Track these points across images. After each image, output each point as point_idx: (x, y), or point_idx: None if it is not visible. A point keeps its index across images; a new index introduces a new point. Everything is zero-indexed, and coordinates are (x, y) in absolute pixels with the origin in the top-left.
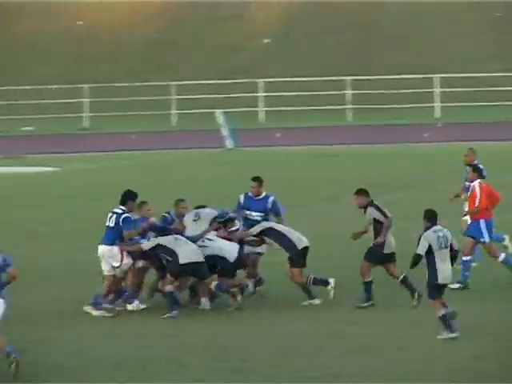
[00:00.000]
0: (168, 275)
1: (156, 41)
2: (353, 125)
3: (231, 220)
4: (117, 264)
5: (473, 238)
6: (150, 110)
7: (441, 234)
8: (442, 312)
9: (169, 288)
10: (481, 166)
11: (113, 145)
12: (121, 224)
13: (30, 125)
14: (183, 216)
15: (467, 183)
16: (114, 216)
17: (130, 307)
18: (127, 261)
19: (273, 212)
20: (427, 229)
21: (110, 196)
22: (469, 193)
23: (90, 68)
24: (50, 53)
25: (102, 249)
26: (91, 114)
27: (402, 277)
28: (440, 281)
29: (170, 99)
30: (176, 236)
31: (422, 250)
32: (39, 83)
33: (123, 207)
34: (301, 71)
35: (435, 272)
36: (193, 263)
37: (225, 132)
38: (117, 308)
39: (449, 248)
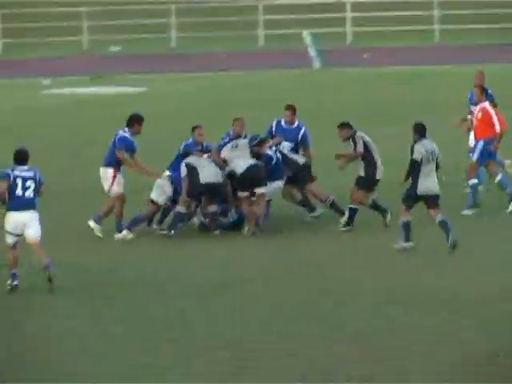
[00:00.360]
0: (183, 194)
1: None
2: (440, 44)
3: (264, 140)
4: (106, 188)
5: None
6: (237, 30)
7: (429, 147)
8: (405, 219)
9: (180, 208)
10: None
11: (201, 65)
12: (116, 144)
13: (117, 44)
14: (201, 143)
15: (472, 107)
16: (114, 136)
17: (118, 236)
18: (116, 188)
19: (302, 143)
20: (416, 141)
21: (198, 115)
22: (479, 114)
23: None
24: None
25: (101, 170)
26: (179, 35)
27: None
28: (419, 192)
29: (256, 19)
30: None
31: (417, 155)
32: (123, 3)
33: (127, 128)
34: None
35: (416, 183)
36: (212, 183)
37: (312, 52)
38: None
39: (435, 162)
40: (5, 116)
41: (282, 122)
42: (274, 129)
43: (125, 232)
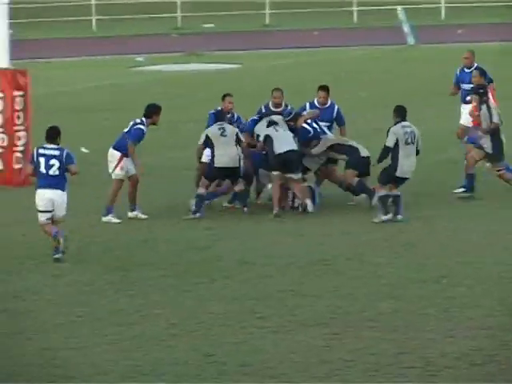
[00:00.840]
0: (203, 178)
1: None
2: None
3: (299, 115)
4: (110, 170)
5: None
6: (330, 7)
7: (408, 129)
8: (383, 193)
9: (200, 190)
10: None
11: (294, 41)
12: (130, 132)
13: (211, 22)
14: (229, 112)
15: (465, 85)
16: (131, 123)
17: (105, 219)
18: (119, 172)
19: (337, 121)
20: (396, 123)
21: (293, 93)
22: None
23: None
24: None
25: (109, 151)
26: (271, 11)
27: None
28: (398, 174)
29: None
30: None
31: (390, 142)
32: None
33: (144, 119)
34: None
35: (396, 165)
36: (226, 168)
37: (406, 29)
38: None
39: (415, 144)
40: (101, 93)
41: (316, 103)
42: (308, 109)
43: (110, 216)
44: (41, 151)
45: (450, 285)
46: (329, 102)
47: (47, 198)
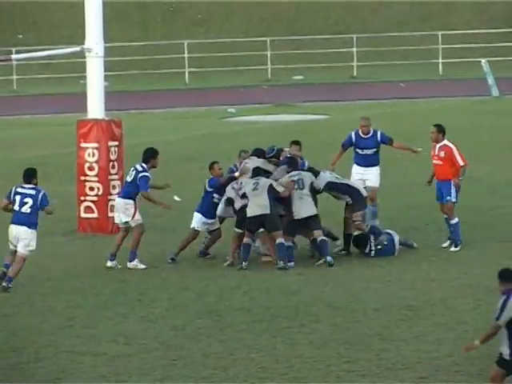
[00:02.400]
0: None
1: None
2: None
3: (281, 150)
4: (128, 219)
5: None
6: (415, 59)
7: (295, 178)
8: (285, 242)
9: (245, 240)
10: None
11: (381, 93)
12: (138, 182)
13: (300, 74)
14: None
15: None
16: (134, 172)
17: (130, 265)
18: (138, 217)
19: (385, 142)
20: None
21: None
22: (442, 153)
23: (358, 19)
24: (318, 4)
25: (117, 201)
26: (359, 63)
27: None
28: (295, 217)
29: (436, 48)
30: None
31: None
32: (305, 33)
33: (144, 165)
34: None
35: (291, 210)
36: (259, 216)
37: (490, 81)
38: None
39: (307, 189)
40: (195, 143)
41: (360, 133)
42: (353, 139)
43: (136, 262)
44: (18, 190)
45: None
46: (371, 132)
47: (13, 233)
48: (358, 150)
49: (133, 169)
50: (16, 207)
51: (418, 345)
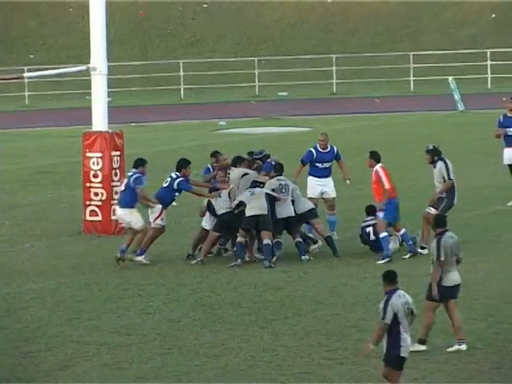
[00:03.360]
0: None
1: (399, 15)
2: None
3: (268, 156)
4: (151, 220)
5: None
6: (389, 77)
7: (283, 182)
8: (270, 241)
9: (239, 240)
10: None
11: (358, 108)
12: (175, 186)
13: (285, 90)
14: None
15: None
16: (169, 179)
17: (138, 258)
18: (159, 222)
19: (337, 159)
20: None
21: (355, 152)
22: (374, 177)
23: (337, 40)
24: (301, 27)
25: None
26: (338, 81)
27: None
28: (278, 216)
29: (408, 67)
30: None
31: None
32: (289, 54)
33: (178, 173)
34: None
35: (274, 210)
36: (257, 216)
37: (456, 96)
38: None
39: (289, 194)
40: (188, 153)
41: (319, 148)
42: (314, 155)
43: (141, 257)
44: (129, 174)
45: (495, 322)
46: (329, 147)
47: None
48: (318, 164)
49: (169, 177)
50: (120, 188)
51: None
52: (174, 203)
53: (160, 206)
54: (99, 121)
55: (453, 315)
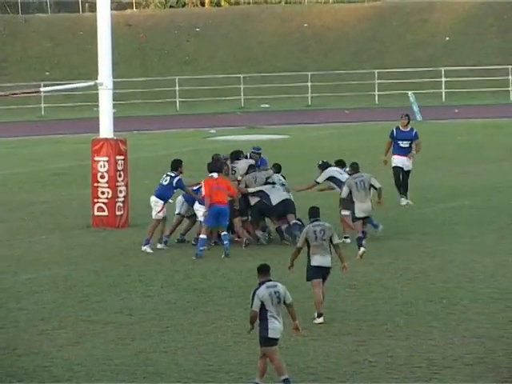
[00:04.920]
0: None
1: (364, 37)
2: None
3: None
4: (154, 213)
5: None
6: (357, 92)
7: (277, 179)
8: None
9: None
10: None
11: (330, 118)
12: (174, 184)
13: (267, 103)
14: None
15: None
16: (169, 178)
17: (147, 248)
18: (161, 214)
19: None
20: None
21: (328, 156)
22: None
23: (312, 59)
24: (281, 48)
25: (153, 199)
26: (313, 95)
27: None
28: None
29: (373, 83)
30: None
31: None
32: (271, 71)
33: (175, 172)
34: (475, 62)
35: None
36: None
37: (415, 108)
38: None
39: (283, 187)
40: (183, 157)
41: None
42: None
43: (147, 247)
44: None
45: (450, 304)
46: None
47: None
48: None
49: (166, 175)
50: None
51: (359, 315)
52: (170, 200)
53: (162, 202)
54: (106, 129)
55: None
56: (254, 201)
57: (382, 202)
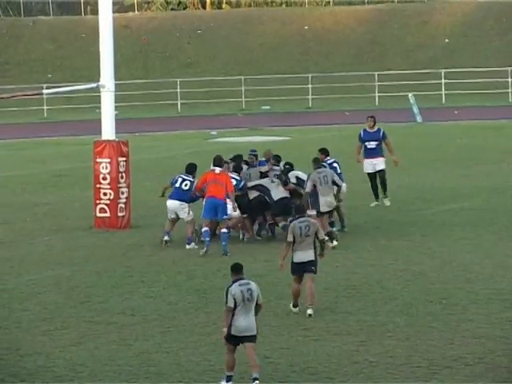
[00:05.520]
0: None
1: (365, 39)
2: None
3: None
4: (185, 216)
5: None
6: (357, 94)
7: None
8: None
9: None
10: None
11: (330, 120)
12: (193, 188)
13: (267, 105)
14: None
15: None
16: (189, 183)
17: (188, 247)
18: (192, 216)
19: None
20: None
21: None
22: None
23: (313, 62)
24: (282, 50)
25: (176, 203)
26: (313, 97)
27: None
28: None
29: (373, 85)
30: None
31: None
32: (271, 73)
33: (192, 176)
34: (475, 64)
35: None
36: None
37: (415, 110)
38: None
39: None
40: (184, 158)
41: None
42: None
43: (193, 244)
44: (181, 175)
45: (449, 304)
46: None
47: (171, 208)
48: None
49: (183, 179)
50: (177, 185)
51: (359, 316)
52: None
53: (187, 204)
54: (108, 131)
55: (305, 285)
56: (252, 195)
57: (343, 200)
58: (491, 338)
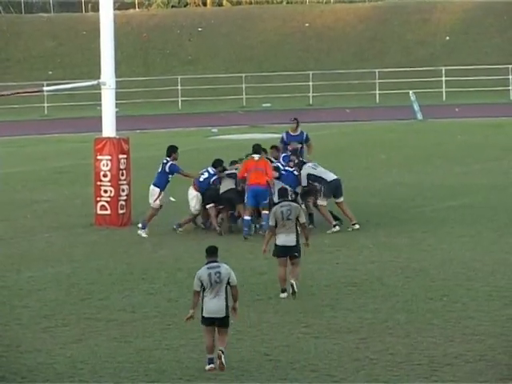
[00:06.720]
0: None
1: (365, 37)
2: None
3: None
4: (151, 201)
5: None
6: (357, 91)
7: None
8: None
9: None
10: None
11: (331, 117)
12: (167, 170)
13: (268, 102)
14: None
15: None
16: (162, 164)
17: (139, 232)
18: (158, 202)
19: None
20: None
21: (328, 155)
22: None
23: (313, 59)
24: (283, 48)
25: (150, 187)
26: (314, 94)
27: None
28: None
29: (374, 82)
30: None
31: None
32: (272, 70)
33: (169, 158)
34: (475, 61)
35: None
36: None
37: (416, 107)
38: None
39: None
40: (185, 156)
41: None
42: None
43: (142, 231)
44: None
45: (450, 301)
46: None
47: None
48: None
49: (163, 162)
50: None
51: (360, 313)
52: (172, 199)
53: (158, 189)
54: (108, 128)
55: (292, 270)
56: (224, 188)
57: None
58: (492, 336)
